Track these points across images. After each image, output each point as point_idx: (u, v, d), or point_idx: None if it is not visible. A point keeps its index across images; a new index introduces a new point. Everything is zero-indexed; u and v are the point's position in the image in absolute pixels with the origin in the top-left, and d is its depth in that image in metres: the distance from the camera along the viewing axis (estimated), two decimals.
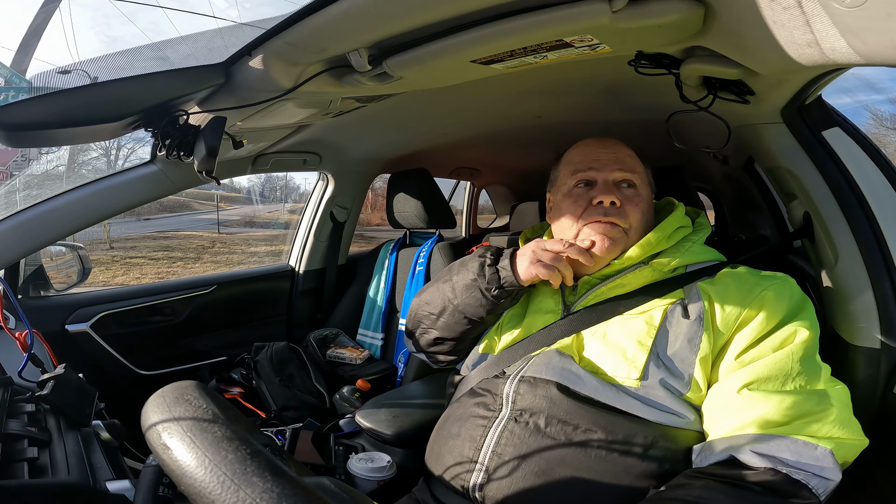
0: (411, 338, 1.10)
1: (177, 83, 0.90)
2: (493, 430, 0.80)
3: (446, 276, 1.00)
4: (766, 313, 0.76)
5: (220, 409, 0.46)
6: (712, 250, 0.92)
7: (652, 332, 0.79)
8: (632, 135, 1.13)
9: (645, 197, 0.91)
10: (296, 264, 1.99)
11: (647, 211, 0.91)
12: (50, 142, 0.94)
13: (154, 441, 0.43)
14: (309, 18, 0.72)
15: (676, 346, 0.78)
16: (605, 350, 0.82)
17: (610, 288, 0.88)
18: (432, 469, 0.88)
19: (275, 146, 1.49)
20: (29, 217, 1.16)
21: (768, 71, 0.68)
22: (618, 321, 0.84)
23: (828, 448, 0.66)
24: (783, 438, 0.67)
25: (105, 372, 1.46)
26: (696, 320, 0.79)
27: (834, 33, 0.44)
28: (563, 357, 0.83)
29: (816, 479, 0.64)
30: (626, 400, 0.76)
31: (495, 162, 2.37)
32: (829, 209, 0.92)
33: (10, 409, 0.69)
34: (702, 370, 0.76)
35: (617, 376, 0.79)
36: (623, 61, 0.83)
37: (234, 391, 1.51)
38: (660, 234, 0.89)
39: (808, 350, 0.74)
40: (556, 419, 0.77)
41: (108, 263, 9.05)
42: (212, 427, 0.42)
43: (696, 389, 0.76)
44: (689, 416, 0.76)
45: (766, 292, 0.78)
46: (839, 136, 0.92)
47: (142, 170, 1.28)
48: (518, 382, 0.83)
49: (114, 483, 0.59)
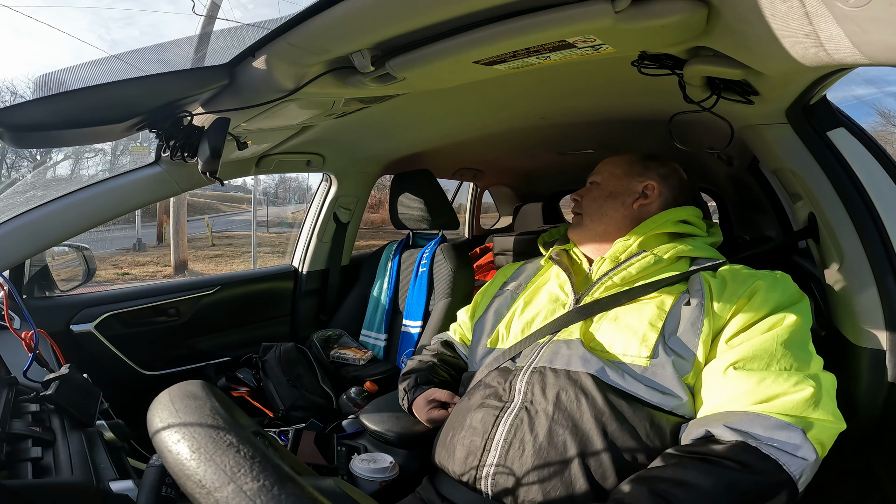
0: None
1: (181, 84, 0.91)
2: (505, 419, 0.83)
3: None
4: (757, 301, 0.81)
5: (225, 409, 0.46)
6: (715, 251, 0.98)
7: (662, 315, 0.85)
8: (635, 135, 1.13)
9: (606, 188, 1.08)
10: (299, 265, 1.99)
11: (600, 198, 1.07)
12: (55, 143, 0.95)
13: (158, 441, 0.43)
14: (312, 19, 0.72)
15: (682, 328, 0.83)
16: (617, 332, 0.87)
17: (620, 277, 0.94)
18: (440, 461, 0.90)
19: (278, 147, 1.49)
20: (34, 218, 1.17)
21: (772, 71, 0.68)
22: (630, 307, 0.90)
23: (799, 427, 0.68)
24: (757, 416, 0.69)
25: (109, 372, 1.47)
26: (698, 306, 0.84)
27: (838, 33, 0.44)
28: (572, 344, 0.88)
29: (787, 456, 0.66)
30: (631, 382, 0.81)
31: (498, 163, 2.37)
32: (833, 210, 0.91)
33: (15, 408, 0.69)
34: (703, 351, 0.80)
35: (627, 354, 0.84)
36: (626, 62, 0.83)
37: (242, 390, 1.52)
38: (651, 224, 0.99)
39: (794, 335, 0.77)
40: (563, 407, 0.81)
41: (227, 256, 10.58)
42: (216, 428, 0.42)
43: (696, 370, 0.80)
44: (685, 397, 0.79)
45: (760, 282, 0.83)
46: (844, 137, 0.92)
47: (146, 171, 1.29)
48: (530, 373, 0.88)
49: (117, 483, 0.59)
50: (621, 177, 1.09)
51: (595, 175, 1.12)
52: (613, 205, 1.06)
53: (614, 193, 1.07)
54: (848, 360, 0.91)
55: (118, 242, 11.08)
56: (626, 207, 1.05)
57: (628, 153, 1.12)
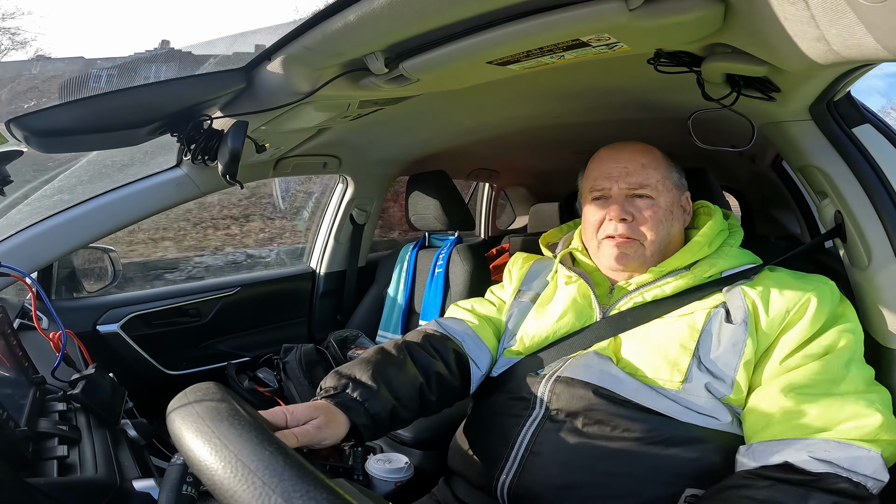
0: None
1: (199, 88, 0.93)
2: (527, 428, 0.81)
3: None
4: (810, 318, 0.76)
5: (242, 408, 0.47)
6: (748, 253, 0.92)
7: (695, 336, 0.80)
8: (653, 134, 1.11)
9: (663, 205, 0.91)
10: (316, 266, 2.01)
11: (664, 219, 0.90)
12: (79, 147, 0.97)
13: (177, 438, 0.44)
14: (325, 22, 0.73)
15: (720, 349, 0.78)
16: (646, 352, 0.82)
17: (652, 294, 0.88)
18: (456, 467, 0.88)
19: (296, 149, 1.51)
20: (61, 221, 1.20)
21: (794, 68, 0.66)
22: (658, 324, 0.84)
23: (878, 451, 0.66)
24: (838, 444, 0.67)
25: (134, 371, 1.51)
26: (741, 324, 0.79)
27: (860, 29, 0.43)
28: (601, 359, 0.83)
29: (872, 482, 0.65)
30: (665, 403, 0.77)
31: (514, 163, 2.35)
32: (861, 208, 0.89)
33: (42, 407, 0.72)
34: (745, 373, 0.77)
35: (658, 378, 0.79)
36: (642, 59, 0.81)
37: (267, 391, 1.54)
38: (702, 240, 0.89)
39: (853, 354, 0.75)
40: (593, 420, 0.78)
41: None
42: (235, 424, 0.43)
43: (737, 391, 0.76)
44: (727, 418, 0.76)
45: (810, 296, 0.78)
46: (870, 133, 0.89)
47: (168, 174, 1.32)
48: (554, 382, 0.83)
49: (139, 482, 0.60)
50: (672, 189, 0.94)
51: (635, 185, 0.91)
52: (673, 226, 0.92)
53: (670, 209, 0.92)
54: (878, 362, 0.88)
55: None
56: (681, 227, 0.94)
57: (649, 147, 0.99)
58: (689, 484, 0.73)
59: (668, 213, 0.91)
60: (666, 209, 0.91)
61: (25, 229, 1.16)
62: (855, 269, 0.94)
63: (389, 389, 0.80)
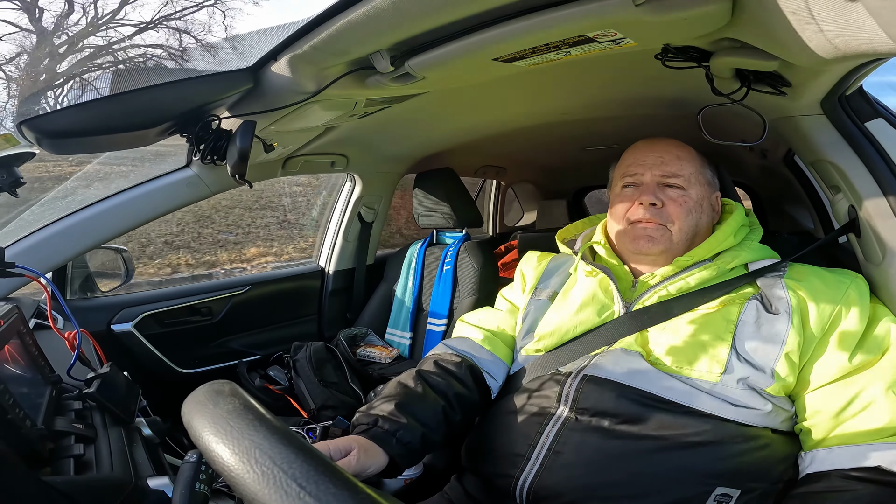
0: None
1: (207, 88, 0.93)
2: (550, 427, 0.79)
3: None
4: (856, 313, 0.77)
5: (257, 404, 0.47)
6: (767, 248, 0.92)
7: (731, 327, 0.79)
8: (663, 130, 1.10)
9: (693, 196, 0.91)
10: (325, 265, 2.02)
11: (694, 210, 0.91)
12: (90, 148, 0.98)
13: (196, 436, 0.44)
14: (330, 21, 0.73)
15: (758, 340, 0.78)
16: (681, 345, 0.81)
17: (677, 287, 0.87)
18: (472, 465, 0.88)
19: (303, 148, 1.52)
20: (75, 221, 1.22)
21: (804, 62, 0.65)
22: (690, 317, 0.83)
23: None
24: None
25: (147, 370, 1.52)
26: (784, 315, 0.78)
27: (871, 24, 0.42)
28: (630, 355, 0.82)
29: None
30: (699, 397, 0.76)
31: (521, 159, 2.35)
32: (875, 203, 0.87)
33: (59, 406, 0.73)
34: (785, 364, 0.76)
35: (695, 371, 0.78)
36: (649, 55, 0.80)
37: (279, 388, 1.56)
38: (727, 230, 0.90)
39: None
40: (622, 419, 0.76)
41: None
42: (252, 420, 0.43)
43: (778, 381, 0.75)
44: (765, 407, 0.75)
45: (850, 291, 0.79)
46: (883, 128, 0.88)
47: (179, 174, 1.33)
48: (581, 381, 0.82)
49: (154, 479, 0.61)
50: (704, 184, 0.94)
51: (669, 173, 0.91)
52: (702, 219, 0.92)
53: (700, 202, 0.92)
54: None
55: None
56: (709, 222, 0.94)
57: (685, 144, 0.99)
58: (720, 483, 0.71)
59: (698, 206, 0.92)
60: (696, 201, 0.91)
61: (40, 230, 1.18)
62: (870, 264, 0.93)
63: (416, 419, 0.83)
